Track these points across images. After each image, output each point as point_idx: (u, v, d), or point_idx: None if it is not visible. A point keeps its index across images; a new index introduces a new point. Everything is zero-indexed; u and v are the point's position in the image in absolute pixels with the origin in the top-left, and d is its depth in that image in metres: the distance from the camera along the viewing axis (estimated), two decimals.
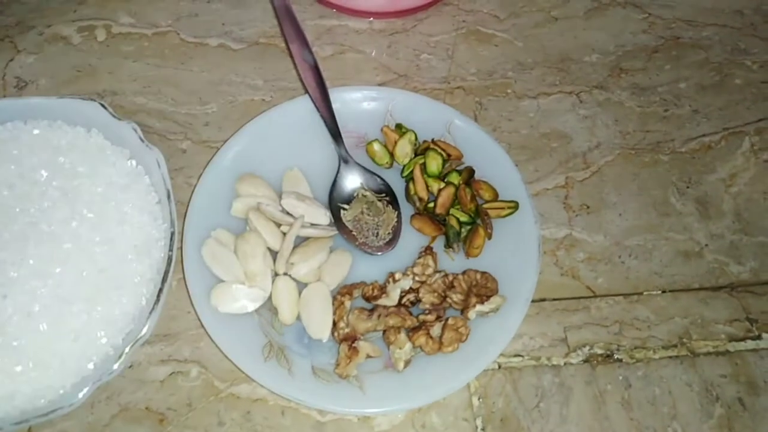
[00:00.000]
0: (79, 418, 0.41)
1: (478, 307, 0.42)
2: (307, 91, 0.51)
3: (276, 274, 0.45)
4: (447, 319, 0.42)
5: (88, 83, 0.54)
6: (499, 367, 0.45)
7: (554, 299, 0.47)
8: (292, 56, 0.53)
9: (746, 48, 0.61)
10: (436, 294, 0.43)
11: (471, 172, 0.50)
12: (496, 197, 0.49)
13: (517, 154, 0.52)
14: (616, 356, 0.45)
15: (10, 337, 0.38)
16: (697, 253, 0.50)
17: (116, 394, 0.42)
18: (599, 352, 0.46)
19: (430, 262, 0.44)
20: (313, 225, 0.47)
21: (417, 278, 0.44)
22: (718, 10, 0.63)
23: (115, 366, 0.38)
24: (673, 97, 0.57)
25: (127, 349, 0.37)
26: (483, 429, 0.42)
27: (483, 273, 0.44)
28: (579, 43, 0.60)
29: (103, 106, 0.44)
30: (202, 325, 0.42)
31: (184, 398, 0.43)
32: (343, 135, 0.50)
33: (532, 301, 0.44)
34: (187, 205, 0.46)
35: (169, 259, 0.40)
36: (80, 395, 0.37)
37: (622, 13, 0.62)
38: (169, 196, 0.42)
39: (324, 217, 0.48)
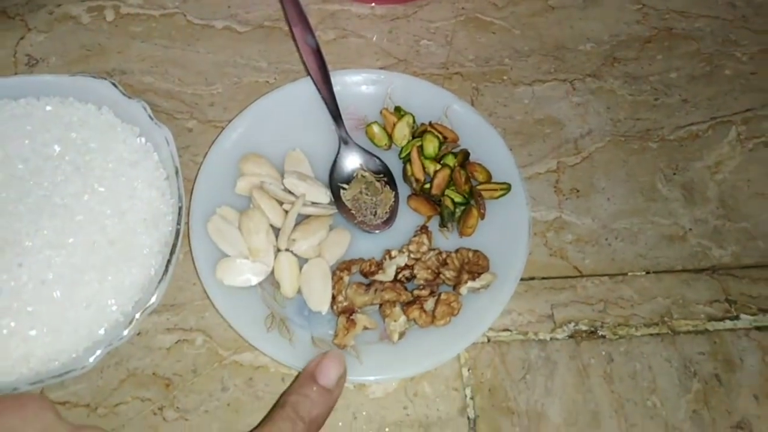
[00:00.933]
0: (89, 381, 0.44)
1: (470, 284, 0.44)
2: (309, 74, 0.52)
3: (278, 250, 0.47)
4: (440, 295, 0.44)
5: (97, 62, 0.56)
6: (489, 340, 0.47)
7: (543, 278, 0.49)
8: (295, 40, 0.54)
9: (737, 39, 0.62)
10: (430, 270, 0.45)
11: (466, 154, 0.51)
12: (489, 179, 0.51)
13: (511, 139, 0.54)
14: (599, 333, 0.48)
15: (25, 303, 0.40)
16: (681, 237, 0.52)
17: (125, 360, 0.45)
18: (584, 328, 0.48)
19: (425, 240, 0.46)
20: (313, 204, 0.49)
21: (412, 255, 0.46)
22: (711, 2, 0.64)
23: (125, 332, 0.40)
24: (663, 86, 0.59)
25: (137, 316, 0.39)
26: (472, 398, 0.45)
27: (475, 251, 0.46)
28: (574, 32, 0.61)
29: (114, 84, 0.46)
30: (208, 297, 0.44)
31: (190, 365, 0.45)
32: (343, 117, 0.52)
33: (522, 279, 0.46)
34: (193, 183, 0.48)
35: (177, 232, 0.42)
36: (91, 359, 0.39)
37: (617, 3, 0.64)
38: (177, 173, 0.44)
39: (324, 196, 0.50)
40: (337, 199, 0.50)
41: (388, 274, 0.45)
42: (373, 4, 0.62)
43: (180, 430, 0.43)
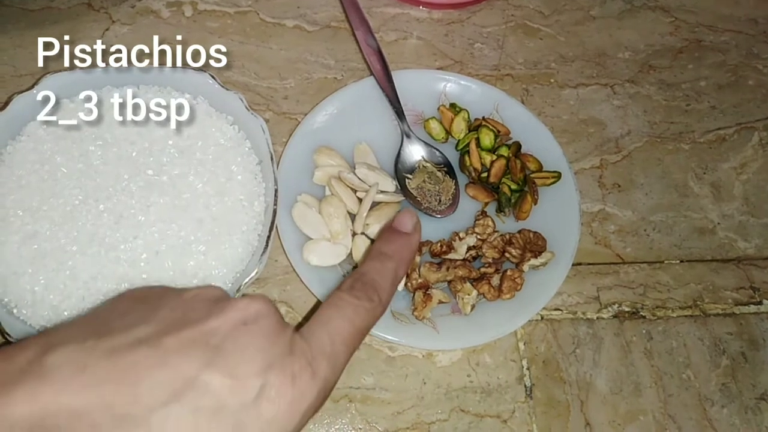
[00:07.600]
0: None
1: (532, 261, 0.48)
2: (372, 73, 0.57)
3: (354, 234, 0.51)
4: (505, 271, 0.49)
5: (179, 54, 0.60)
6: (542, 318, 0.52)
7: (589, 264, 0.55)
8: (358, 41, 0.59)
9: (759, 53, 0.67)
10: (496, 249, 0.50)
11: (518, 146, 0.56)
12: (541, 168, 0.55)
13: (558, 137, 0.58)
14: (640, 313, 0.53)
15: (141, 271, 0.44)
16: (711, 230, 0.57)
17: None
18: (626, 309, 0.53)
19: (490, 223, 0.51)
20: (383, 192, 0.53)
21: (478, 237, 0.50)
22: (736, 18, 0.69)
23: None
24: (694, 93, 0.64)
25: (245, 281, 0.43)
26: (528, 369, 0.50)
27: (535, 232, 0.51)
28: (613, 40, 0.66)
29: (212, 77, 0.50)
30: (299, 276, 0.48)
31: None
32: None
33: (571, 264, 0.51)
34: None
35: (274, 211, 0.46)
36: None
37: (652, 16, 0.69)
38: (272, 158, 0.48)
39: (391, 185, 0.54)
40: (403, 188, 0.54)
41: (459, 253, 0.49)
42: (421, 7, 0.66)
43: None
